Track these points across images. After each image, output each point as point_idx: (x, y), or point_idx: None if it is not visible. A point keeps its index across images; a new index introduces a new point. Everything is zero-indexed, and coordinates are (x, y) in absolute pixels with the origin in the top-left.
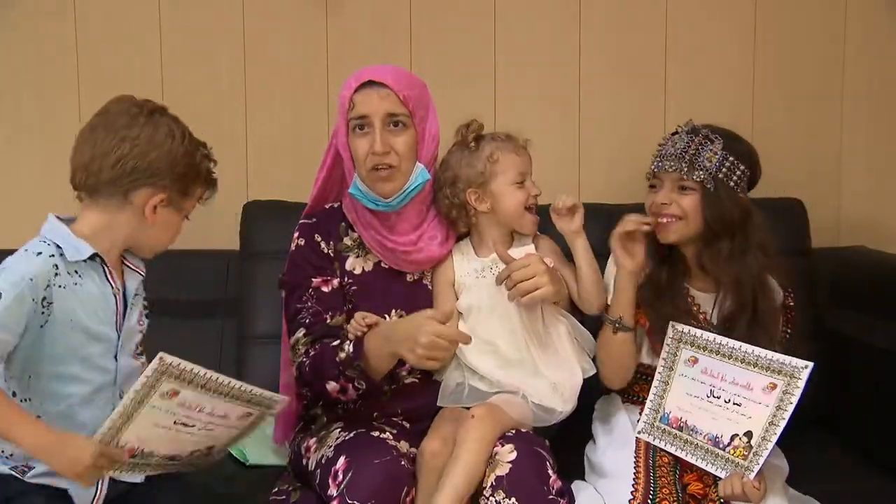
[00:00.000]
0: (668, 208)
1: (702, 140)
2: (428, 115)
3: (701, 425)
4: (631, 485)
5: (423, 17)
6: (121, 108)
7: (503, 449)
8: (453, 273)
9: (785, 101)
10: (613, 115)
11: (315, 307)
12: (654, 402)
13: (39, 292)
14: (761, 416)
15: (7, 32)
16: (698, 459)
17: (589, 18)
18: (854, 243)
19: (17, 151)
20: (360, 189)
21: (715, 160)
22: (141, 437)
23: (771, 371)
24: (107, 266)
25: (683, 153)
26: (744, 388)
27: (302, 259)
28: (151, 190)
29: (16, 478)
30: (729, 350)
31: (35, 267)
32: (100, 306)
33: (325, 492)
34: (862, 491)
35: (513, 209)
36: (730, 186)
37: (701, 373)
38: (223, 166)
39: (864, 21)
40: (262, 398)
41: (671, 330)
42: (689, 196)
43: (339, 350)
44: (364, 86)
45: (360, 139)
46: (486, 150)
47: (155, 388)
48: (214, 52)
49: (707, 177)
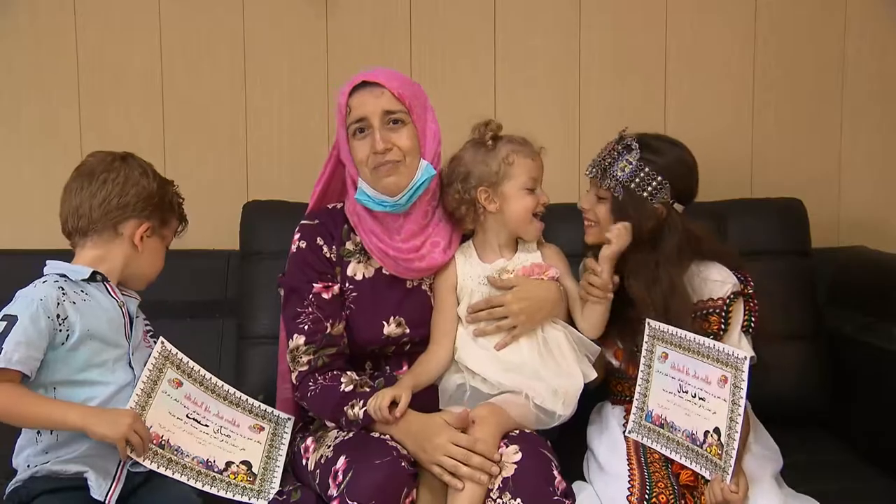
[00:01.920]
0: (587, 213)
1: (621, 149)
2: (426, 114)
3: (678, 422)
4: (627, 483)
5: (423, 17)
6: (96, 159)
7: (508, 450)
8: (456, 278)
9: (785, 101)
10: (614, 115)
11: (315, 314)
12: (639, 400)
13: (52, 310)
14: (722, 411)
15: (7, 32)
16: (684, 458)
17: (589, 19)
18: (854, 243)
19: (17, 151)
20: (366, 193)
21: (628, 169)
22: (162, 426)
23: (720, 363)
24: (108, 283)
25: (602, 161)
26: (703, 382)
27: (303, 262)
28: (137, 221)
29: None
30: (688, 343)
31: (42, 290)
32: (110, 316)
33: (325, 492)
34: (862, 491)
35: (521, 214)
36: (642, 197)
37: (671, 368)
38: (223, 166)
39: (864, 21)
40: (264, 412)
41: (647, 327)
42: (603, 204)
43: (349, 405)
44: (358, 88)
45: (361, 142)
46: (503, 151)
47: (162, 373)
48: (214, 52)
49: (616, 185)
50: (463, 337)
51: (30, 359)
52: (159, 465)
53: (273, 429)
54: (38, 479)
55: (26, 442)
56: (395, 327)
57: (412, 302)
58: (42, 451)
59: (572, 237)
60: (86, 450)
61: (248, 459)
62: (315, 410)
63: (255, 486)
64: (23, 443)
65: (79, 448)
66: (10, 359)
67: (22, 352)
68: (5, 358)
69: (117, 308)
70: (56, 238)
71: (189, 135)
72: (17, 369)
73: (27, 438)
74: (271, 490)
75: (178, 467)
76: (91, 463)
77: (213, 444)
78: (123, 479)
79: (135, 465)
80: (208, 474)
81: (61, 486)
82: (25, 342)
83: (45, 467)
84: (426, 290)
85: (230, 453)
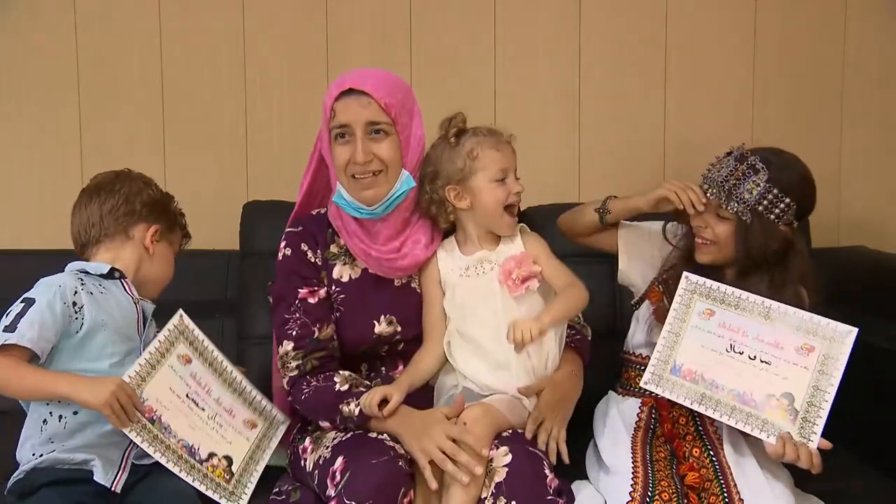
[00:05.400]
0: (704, 231)
1: (746, 169)
2: (412, 121)
3: (723, 381)
4: (630, 480)
5: (423, 16)
6: (101, 177)
7: (498, 452)
8: (438, 272)
9: (785, 101)
10: (614, 115)
11: (302, 318)
12: (662, 353)
13: (69, 297)
14: (801, 378)
15: (7, 32)
16: (724, 416)
17: (589, 19)
18: (854, 243)
19: (17, 151)
20: (343, 198)
21: (756, 192)
22: (159, 400)
23: (804, 332)
24: (125, 280)
25: (725, 182)
26: (772, 346)
27: (289, 269)
28: (146, 224)
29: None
30: (751, 305)
31: (63, 278)
32: (125, 311)
33: (324, 492)
34: (862, 491)
35: (491, 207)
36: (769, 220)
37: (719, 326)
38: (223, 166)
39: (864, 21)
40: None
41: (684, 281)
42: (725, 224)
43: (345, 403)
44: (345, 94)
45: (342, 147)
46: (467, 145)
47: (174, 346)
48: (214, 52)
49: (744, 209)
50: (454, 337)
51: (41, 339)
52: (143, 440)
53: (265, 429)
54: (40, 470)
55: (31, 431)
56: (387, 326)
57: (402, 300)
58: (47, 439)
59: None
60: (92, 440)
61: (230, 455)
62: (309, 412)
63: (230, 487)
64: (28, 433)
65: (84, 437)
66: (22, 335)
67: (35, 331)
68: (18, 334)
69: (132, 304)
70: (56, 239)
71: (189, 135)
72: (28, 346)
73: (32, 427)
74: (243, 495)
75: (161, 447)
76: (97, 452)
77: (204, 430)
78: (129, 467)
79: (139, 457)
80: (188, 461)
81: (63, 477)
82: (40, 323)
83: (51, 455)
84: (416, 288)
85: (217, 444)
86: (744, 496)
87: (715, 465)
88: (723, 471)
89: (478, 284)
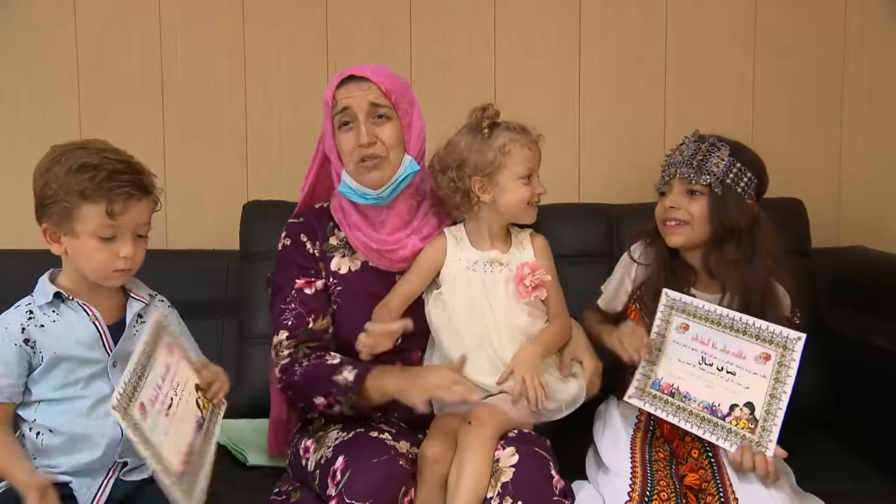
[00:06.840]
0: (676, 212)
1: (709, 147)
2: (412, 110)
3: (694, 392)
4: (628, 480)
5: (423, 16)
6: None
7: (504, 453)
8: (444, 256)
9: (785, 101)
10: (614, 115)
11: (298, 309)
12: (644, 367)
13: (18, 337)
14: (760, 387)
15: (7, 32)
16: (694, 427)
17: (589, 18)
18: (854, 243)
19: (17, 152)
20: (349, 185)
21: (722, 165)
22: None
23: (762, 340)
24: (73, 300)
25: (691, 159)
26: (736, 357)
27: (287, 260)
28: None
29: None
30: (718, 317)
31: (10, 317)
32: (82, 334)
33: (325, 492)
34: (862, 491)
35: (516, 204)
36: (737, 192)
37: (692, 339)
38: (223, 166)
39: (864, 21)
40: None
41: (664, 297)
42: (698, 201)
43: (338, 371)
44: (345, 81)
45: (346, 134)
46: (500, 139)
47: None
48: (214, 52)
49: (715, 181)
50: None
51: (5, 387)
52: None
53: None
54: None
55: None
56: None
57: None
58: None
59: (571, 237)
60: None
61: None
62: (303, 394)
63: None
64: None
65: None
66: None
67: None
68: None
69: (89, 324)
70: None
71: (189, 135)
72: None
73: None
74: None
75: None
76: (76, 474)
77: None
78: (110, 488)
79: (126, 473)
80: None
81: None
82: None
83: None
84: None
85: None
86: (739, 496)
87: (713, 465)
88: (720, 472)
89: (483, 281)
